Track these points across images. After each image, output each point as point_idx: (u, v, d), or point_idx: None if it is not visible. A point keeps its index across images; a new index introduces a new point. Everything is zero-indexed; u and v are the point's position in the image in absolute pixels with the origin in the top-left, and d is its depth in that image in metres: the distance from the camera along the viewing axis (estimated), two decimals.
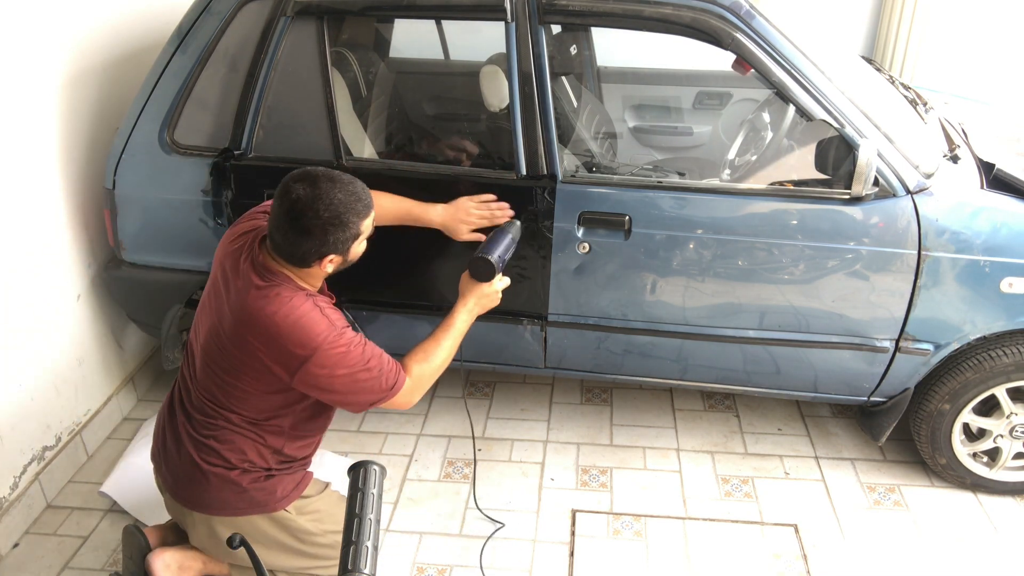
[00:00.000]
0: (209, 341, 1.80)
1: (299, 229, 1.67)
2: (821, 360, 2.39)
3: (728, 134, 3.28)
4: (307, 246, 1.70)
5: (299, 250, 1.71)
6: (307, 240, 1.69)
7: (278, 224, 1.70)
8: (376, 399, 1.81)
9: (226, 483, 1.84)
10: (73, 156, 2.61)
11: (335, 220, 1.68)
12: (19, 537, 2.40)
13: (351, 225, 1.72)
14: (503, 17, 2.23)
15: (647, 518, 2.46)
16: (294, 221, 1.67)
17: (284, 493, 1.91)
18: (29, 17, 2.36)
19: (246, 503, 1.87)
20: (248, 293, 1.72)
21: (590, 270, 2.36)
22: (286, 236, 1.69)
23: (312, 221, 1.66)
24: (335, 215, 1.68)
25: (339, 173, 1.73)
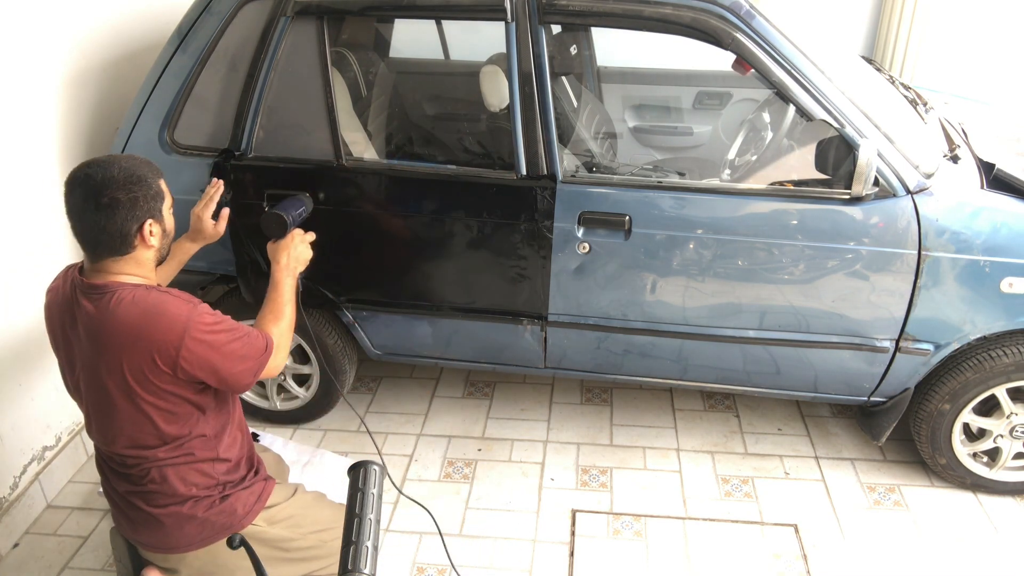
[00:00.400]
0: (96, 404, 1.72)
1: (104, 204, 1.60)
2: (821, 360, 2.39)
3: (728, 134, 3.28)
4: (120, 216, 1.61)
5: (114, 226, 1.61)
6: (118, 210, 1.61)
7: (81, 215, 1.62)
8: (258, 364, 1.76)
9: (183, 520, 1.79)
10: (73, 156, 2.61)
11: (132, 178, 1.63)
12: (19, 537, 2.40)
13: (150, 181, 1.67)
14: (503, 17, 2.23)
15: (647, 518, 2.46)
16: (96, 198, 1.60)
17: (246, 509, 1.86)
18: (30, 17, 2.36)
19: (210, 531, 1.82)
20: (93, 320, 1.64)
21: (590, 270, 2.36)
22: (95, 222, 1.61)
23: (113, 190, 1.61)
24: (129, 174, 1.63)
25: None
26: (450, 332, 2.59)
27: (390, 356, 2.72)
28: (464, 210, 2.36)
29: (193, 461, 1.79)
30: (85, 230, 1.63)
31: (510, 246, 2.36)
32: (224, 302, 2.66)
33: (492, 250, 2.39)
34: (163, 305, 1.65)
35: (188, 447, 1.78)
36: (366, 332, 2.64)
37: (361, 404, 3.02)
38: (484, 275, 2.44)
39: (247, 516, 1.86)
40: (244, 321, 1.83)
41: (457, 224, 2.38)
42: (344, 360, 2.72)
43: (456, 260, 2.43)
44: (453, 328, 2.57)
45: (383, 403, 3.02)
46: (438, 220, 2.39)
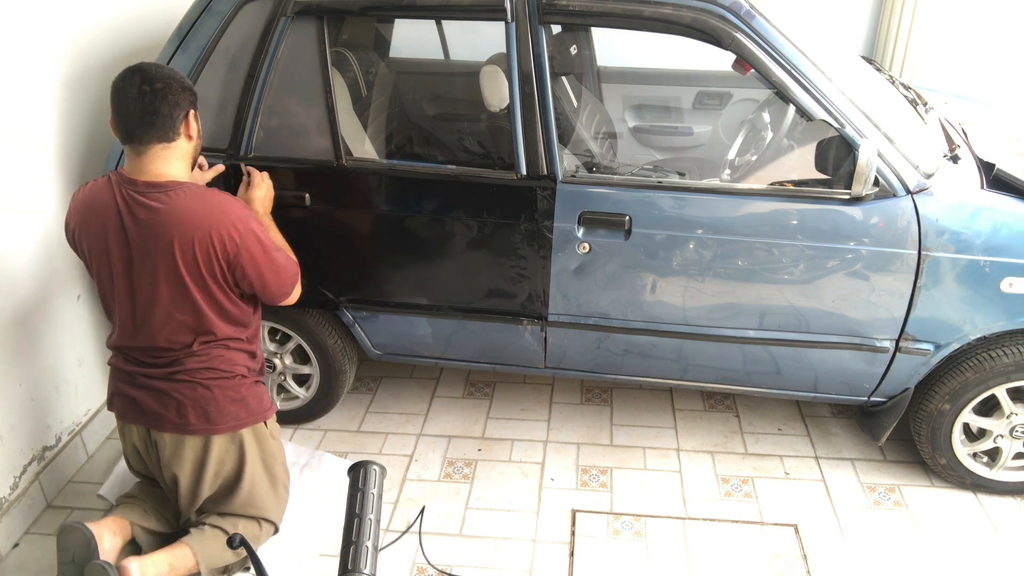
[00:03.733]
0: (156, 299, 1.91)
1: (158, 88, 1.83)
2: (821, 360, 2.39)
3: (728, 134, 3.28)
4: (171, 99, 1.85)
5: (166, 107, 1.84)
6: (170, 94, 1.85)
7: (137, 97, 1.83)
8: (294, 280, 2.07)
9: (230, 393, 2.01)
10: (73, 156, 2.61)
11: (179, 75, 1.92)
12: (19, 537, 2.40)
13: (188, 84, 1.93)
14: (503, 17, 2.23)
15: (647, 518, 2.46)
16: (152, 82, 1.83)
17: (268, 402, 2.14)
18: (29, 17, 2.36)
19: (246, 412, 2.05)
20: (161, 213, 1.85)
21: (590, 270, 2.36)
22: (151, 102, 1.83)
23: (166, 79, 1.86)
24: (172, 72, 1.91)
25: None
26: (450, 332, 2.59)
27: (390, 356, 2.72)
28: (464, 210, 2.36)
29: (242, 350, 2.06)
30: (139, 110, 1.83)
31: (510, 246, 2.36)
32: None
33: (492, 250, 2.39)
34: (228, 203, 1.92)
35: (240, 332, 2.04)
36: (366, 332, 2.64)
37: (361, 404, 3.02)
38: (484, 275, 2.44)
39: (270, 408, 2.15)
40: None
41: (457, 224, 2.38)
42: (344, 360, 2.72)
43: (456, 260, 2.43)
44: (453, 328, 2.57)
45: (383, 403, 3.02)
46: (438, 220, 2.39)
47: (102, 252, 1.94)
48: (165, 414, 1.99)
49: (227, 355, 2.02)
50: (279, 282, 2.02)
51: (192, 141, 1.95)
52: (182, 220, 1.85)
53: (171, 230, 1.85)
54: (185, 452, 2.02)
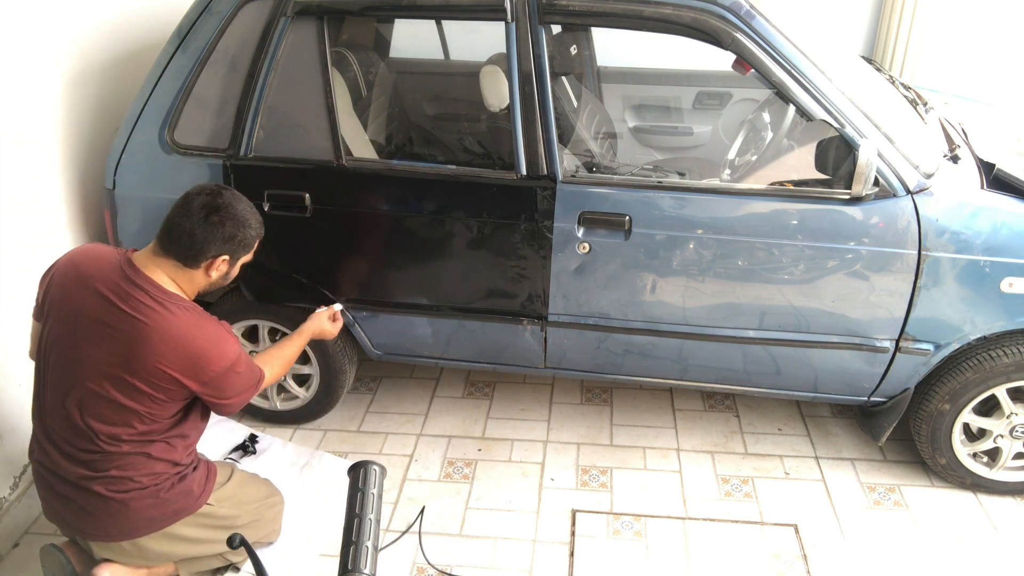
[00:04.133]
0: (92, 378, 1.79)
1: (212, 221, 1.80)
2: (821, 360, 2.39)
3: (728, 134, 3.28)
4: (213, 237, 1.81)
5: (202, 241, 1.80)
6: (217, 232, 1.81)
7: (189, 213, 1.80)
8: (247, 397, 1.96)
9: (146, 502, 1.88)
10: (73, 156, 2.61)
11: (245, 222, 1.87)
12: (19, 537, 2.40)
13: (252, 234, 1.90)
14: (503, 17, 2.23)
15: (647, 518, 2.46)
16: (210, 212, 1.80)
17: (200, 488, 1.99)
18: (30, 17, 2.36)
19: (171, 513, 1.93)
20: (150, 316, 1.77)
21: (590, 270, 2.36)
22: (192, 226, 1.79)
23: (227, 216, 1.82)
24: (246, 217, 1.87)
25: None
26: (450, 332, 2.59)
27: (390, 356, 2.72)
28: (464, 210, 2.36)
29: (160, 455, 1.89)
30: (180, 225, 1.80)
31: (510, 246, 2.36)
32: (225, 301, 2.66)
33: (492, 250, 2.39)
34: (219, 339, 1.84)
35: (165, 436, 1.89)
36: (366, 332, 2.64)
37: (361, 404, 3.02)
38: (484, 275, 2.44)
39: (202, 495, 2.00)
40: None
41: (457, 224, 2.38)
42: (344, 360, 2.72)
43: (456, 260, 2.43)
44: (453, 328, 2.57)
45: (383, 403, 3.02)
46: (438, 220, 2.39)
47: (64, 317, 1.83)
48: (82, 526, 1.90)
49: (147, 463, 1.87)
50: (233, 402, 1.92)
51: (209, 279, 1.89)
52: (164, 337, 1.77)
53: (150, 341, 1.76)
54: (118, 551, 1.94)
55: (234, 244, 1.86)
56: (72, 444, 1.84)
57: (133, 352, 1.76)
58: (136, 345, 1.76)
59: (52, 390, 1.85)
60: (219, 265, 1.87)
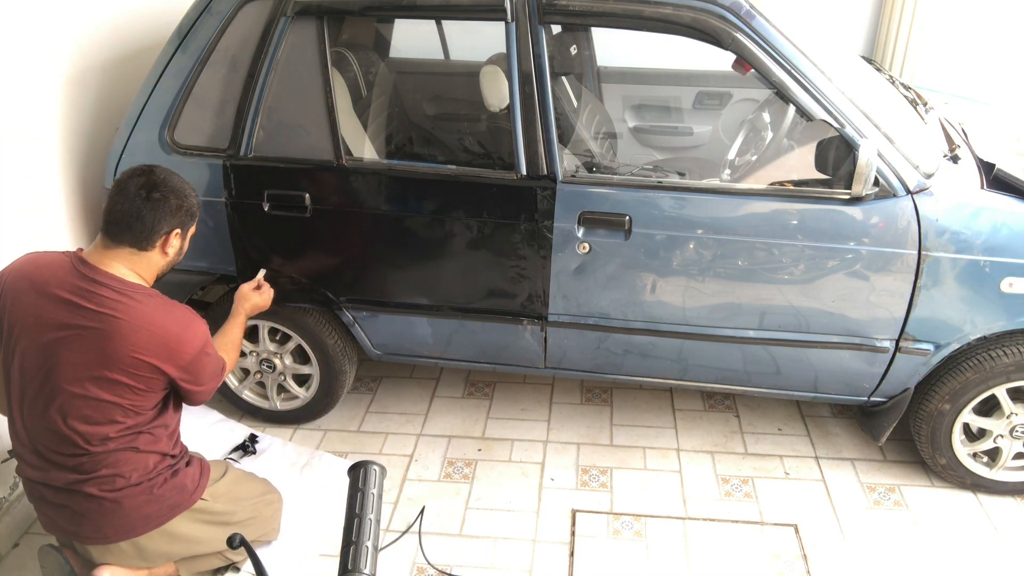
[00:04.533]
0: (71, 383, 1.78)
1: (155, 198, 1.80)
2: (821, 360, 2.39)
3: (728, 134, 3.28)
4: (160, 213, 1.81)
5: (151, 219, 1.80)
6: (161, 207, 1.81)
7: (129, 198, 1.79)
8: (214, 387, 1.98)
9: (140, 499, 1.87)
10: (73, 156, 2.61)
11: (184, 192, 1.88)
12: (19, 537, 2.40)
13: (193, 203, 1.90)
14: (503, 17, 2.23)
15: (647, 518, 2.46)
16: (150, 189, 1.80)
17: (194, 483, 1.99)
18: (30, 17, 2.36)
19: (166, 509, 1.92)
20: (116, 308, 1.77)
21: (590, 270, 2.36)
22: (139, 208, 1.79)
23: (167, 190, 1.83)
24: (184, 187, 1.89)
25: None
26: (450, 332, 2.59)
27: (390, 356, 2.72)
28: (464, 210, 2.36)
29: (148, 449, 1.90)
30: (125, 212, 1.79)
31: (510, 246, 2.36)
32: (226, 302, 2.66)
33: (492, 250, 2.39)
34: (188, 321, 1.86)
35: (150, 427, 1.89)
36: (366, 332, 2.64)
37: (361, 404, 3.02)
38: (484, 275, 2.44)
39: (196, 491, 1.99)
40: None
41: (457, 224, 2.38)
42: (344, 360, 2.72)
43: (456, 260, 2.43)
44: (453, 328, 2.57)
45: (383, 403, 3.02)
46: (438, 220, 2.39)
47: (27, 329, 1.79)
48: (79, 530, 1.89)
49: (135, 458, 1.87)
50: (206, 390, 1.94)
51: (166, 257, 1.89)
52: (136, 326, 1.76)
53: (122, 333, 1.75)
54: (117, 554, 1.94)
55: (182, 215, 1.87)
56: (59, 452, 1.83)
57: (108, 347, 1.76)
58: (110, 340, 1.76)
59: (30, 404, 1.82)
60: (172, 240, 1.87)
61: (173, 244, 1.88)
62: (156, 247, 1.85)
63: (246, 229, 2.49)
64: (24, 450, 1.88)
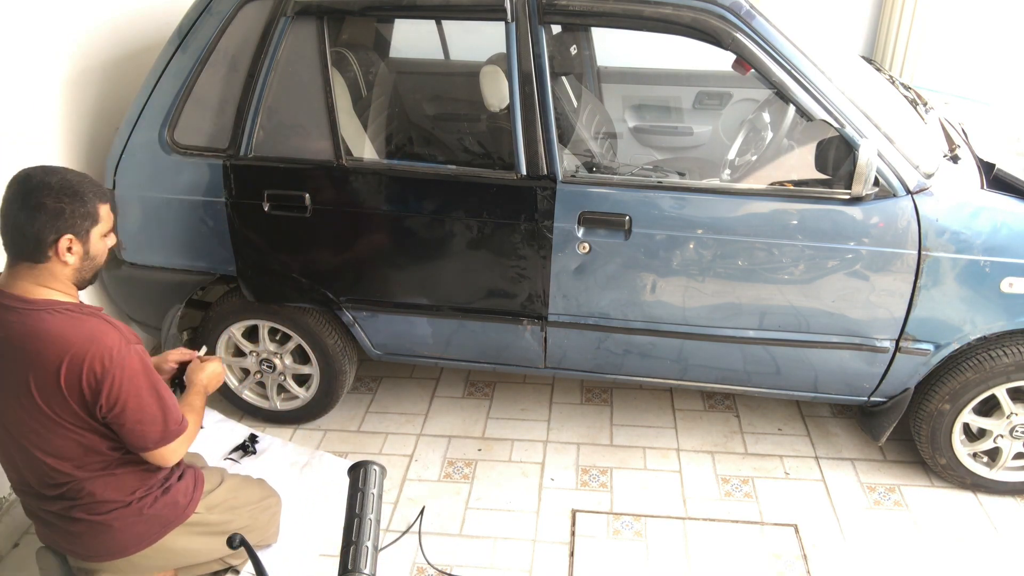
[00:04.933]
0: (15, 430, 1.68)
1: (30, 206, 1.57)
2: (821, 360, 2.39)
3: (728, 134, 3.28)
4: (39, 222, 1.57)
5: (31, 230, 1.58)
6: (39, 215, 1.57)
7: (7, 212, 1.60)
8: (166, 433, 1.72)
9: (130, 520, 1.82)
10: (73, 156, 2.61)
11: (67, 190, 1.61)
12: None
13: (87, 199, 1.63)
14: (503, 17, 2.23)
15: (647, 518, 2.46)
16: (25, 198, 1.58)
17: (187, 498, 1.92)
18: (30, 17, 2.36)
19: (158, 527, 1.87)
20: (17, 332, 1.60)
21: (590, 270, 2.36)
22: (17, 221, 1.58)
23: (42, 195, 1.58)
24: (67, 186, 1.61)
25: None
26: (450, 332, 2.59)
27: (390, 356, 2.72)
28: (464, 210, 2.36)
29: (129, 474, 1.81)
30: (7, 228, 1.61)
31: (510, 246, 2.36)
32: (224, 302, 2.66)
33: (492, 250, 2.39)
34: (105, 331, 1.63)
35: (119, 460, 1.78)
36: (366, 332, 2.64)
37: (361, 404, 3.02)
38: (484, 275, 2.44)
39: (189, 505, 1.93)
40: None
41: (457, 224, 2.38)
42: (344, 360, 2.72)
43: (456, 260, 2.43)
44: (453, 328, 2.57)
45: (383, 403, 3.02)
46: (438, 220, 2.39)
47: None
48: (72, 549, 1.85)
49: (119, 482, 1.77)
50: (139, 432, 1.69)
51: (71, 266, 1.65)
52: (43, 343, 1.59)
53: (28, 354, 1.59)
54: (113, 570, 1.89)
55: (66, 219, 1.60)
56: (41, 482, 1.76)
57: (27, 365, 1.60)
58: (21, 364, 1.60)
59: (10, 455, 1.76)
60: (67, 246, 1.62)
61: (73, 250, 1.63)
62: (51, 258, 1.62)
63: (246, 229, 2.49)
64: (13, 474, 1.83)
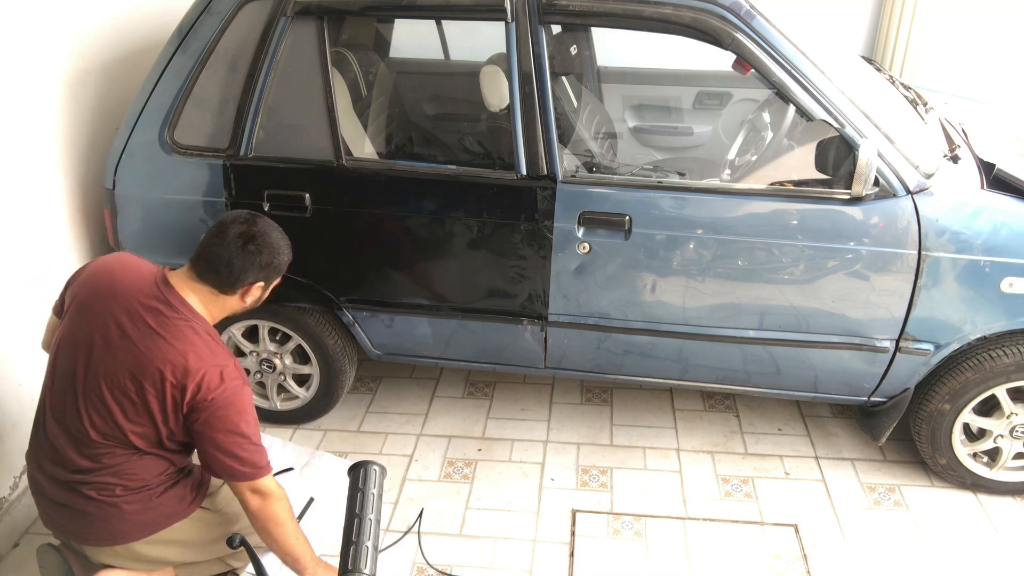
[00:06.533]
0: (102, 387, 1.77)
1: (249, 250, 1.84)
2: (821, 360, 2.39)
3: (728, 134, 3.28)
4: (250, 265, 1.85)
5: (239, 269, 1.84)
6: (252, 260, 1.84)
7: (226, 243, 1.83)
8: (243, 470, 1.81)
9: (137, 506, 1.87)
10: (73, 156, 2.61)
11: (279, 249, 1.91)
12: (19, 537, 2.40)
13: (284, 256, 1.93)
14: (503, 17, 2.23)
15: (647, 518, 2.46)
16: (248, 241, 1.84)
17: (193, 493, 1.97)
18: (30, 17, 2.36)
19: (163, 517, 1.91)
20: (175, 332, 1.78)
21: (590, 270, 2.36)
22: (230, 255, 1.82)
23: (264, 244, 1.86)
24: (281, 245, 1.92)
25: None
26: (450, 332, 2.59)
27: (390, 356, 2.72)
28: (464, 210, 2.36)
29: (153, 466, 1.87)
30: (217, 254, 1.83)
31: (510, 246, 2.36)
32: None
33: (492, 250, 2.39)
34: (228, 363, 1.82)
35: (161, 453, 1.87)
36: (366, 332, 2.64)
37: (361, 404, 3.02)
38: (484, 275, 2.44)
39: (195, 500, 1.98)
40: None
41: (457, 224, 2.38)
42: (344, 360, 2.72)
43: (456, 260, 2.43)
44: (453, 328, 2.57)
45: (383, 403, 3.02)
46: (438, 220, 2.39)
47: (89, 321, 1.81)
48: (76, 530, 1.89)
49: (138, 464, 1.84)
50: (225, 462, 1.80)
51: (243, 305, 1.93)
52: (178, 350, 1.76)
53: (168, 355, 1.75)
54: (112, 556, 1.92)
55: (270, 271, 1.90)
56: (69, 447, 1.83)
57: (146, 366, 1.75)
58: (151, 359, 1.75)
59: (59, 392, 1.85)
60: (254, 291, 1.92)
61: (254, 294, 1.92)
62: (237, 294, 1.89)
63: None
64: (40, 434, 1.90)
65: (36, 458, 1.92)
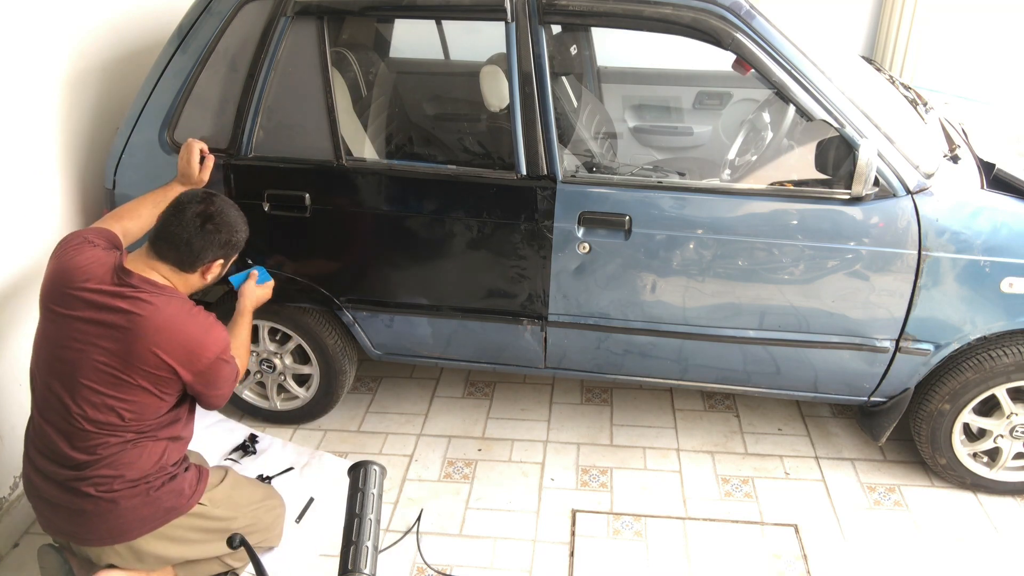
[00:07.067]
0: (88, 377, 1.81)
1: (207, 228, 1.89)
2: (821, 360, 2.39)
3: (728, 134, 3.28)
4: (209, 244, 1.90)
5: (198, 247, 1.89)
6: (211, 239, 1.90)
7: (184, 222, 1.88)
8: (229, 392, 2.02)
9: (136, 501, 1.88)
10: (74, 156, 2.61)
11: (235, 225, 1.96)
12: (19, 537, 2.40)
13: (242, 234, 1.99)
14: (503, 17, 2.23)
15: (647, 518, 2.46)
16: (205, 221, 1.89)
17: (191, 489, 1.99)
18: (30, 17, 2.36)
19: (162, 512, 1.93)
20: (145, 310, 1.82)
21: (590, 270, 2.36)
22: (189, 235, 1.87)
23: (221, 222, 1.91)
24: (235, 221, 1.96)
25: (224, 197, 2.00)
26: (450, 332, 2.59)
27: (390, 356, 2.72)
28: (464, 210, 2.36)
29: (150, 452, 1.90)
30: (176, 235, 1.87)
31: (510, 246, 2.36)
32: (226, 302, 2.66)
33: (492, 250, 2.39)
34: (210, 322, 1.91)
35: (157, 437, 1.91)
36: (366, 332, 2.64)
37: (361, 404, 3.02)
38: (484, 275, 2.44)
39: (193, 496, 1.99)
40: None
41: (457, 224, 2.38)
42: (344, 360, 2.72)
43: (456, 260, 2.43)
44: (453, 328, 2.57)
45: (383, 403, 3.02)
46: (438, 220, 2.39)
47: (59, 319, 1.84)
48: (75, 531, 1.90)
49: (136, 462, 1.87)
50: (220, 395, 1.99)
51: (204, 282, 1.98)
52: (159, 326, 1.81)
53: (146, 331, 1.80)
54: (113, 556, 1.93)
55: (228, 248, 1.96)
56: (64, 444, 1.85)
57: (131, 346, 1.80)
58: (134, 338, 1.80)
59: (47, 389, 1.86)
60: (214, 269, 1.96)
61: (214, 271, 1.97)
62: (197, 272, 1.94)
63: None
64: (34, 434, 1.92)
65: (31, 459, 1.93)
